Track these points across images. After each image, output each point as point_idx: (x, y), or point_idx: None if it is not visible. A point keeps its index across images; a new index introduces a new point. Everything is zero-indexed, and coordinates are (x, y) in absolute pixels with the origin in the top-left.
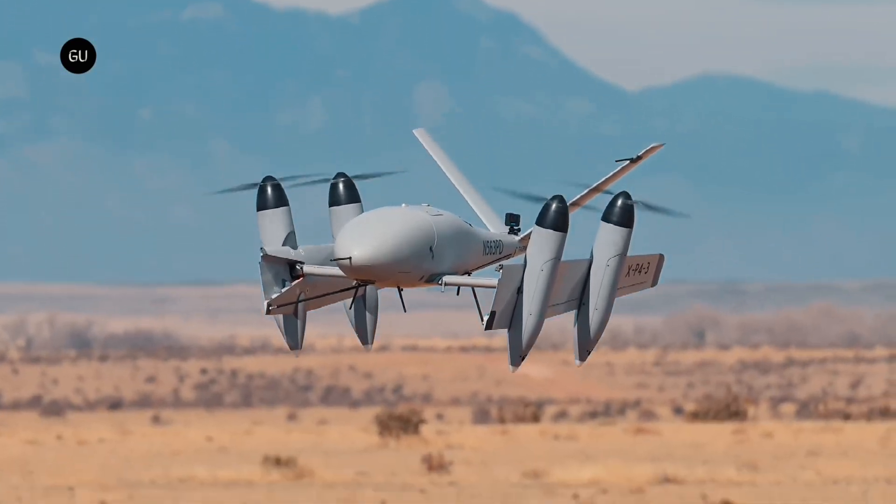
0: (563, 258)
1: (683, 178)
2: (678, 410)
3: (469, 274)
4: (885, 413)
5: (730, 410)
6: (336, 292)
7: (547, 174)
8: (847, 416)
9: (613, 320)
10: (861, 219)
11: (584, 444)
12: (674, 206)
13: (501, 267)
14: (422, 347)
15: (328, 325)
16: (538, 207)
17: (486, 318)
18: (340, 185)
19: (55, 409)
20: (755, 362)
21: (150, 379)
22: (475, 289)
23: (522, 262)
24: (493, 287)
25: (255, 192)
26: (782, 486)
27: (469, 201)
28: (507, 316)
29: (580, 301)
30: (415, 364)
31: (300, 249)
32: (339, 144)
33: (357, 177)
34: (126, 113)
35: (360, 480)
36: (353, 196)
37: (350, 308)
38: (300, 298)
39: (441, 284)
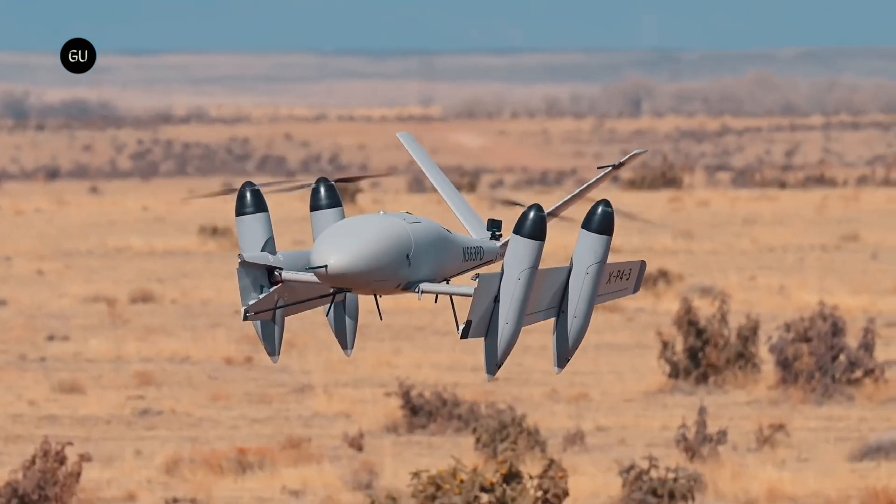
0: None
1: None
2: (614, 179)
3: (448, 281)
4: (820, 181)
5: (666, 178)
6: (314, 298)
7: None
8: (783, 185)
9: (549, 89)
10: None
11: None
12: None
13: (478, 276)
14: (358, 117)
15: (263, 95)
16: (517, 214)
17: (462, 326)
18: (322, 190)
19: None
20: (691, 130)
21: (87, 148)
22: (453, 297)
23: (499, 271)
24: (471, 296)
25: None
26: (718, 254)
27: (451, 206)
28: (483, 325)
29: (559, 308)
30: (351, 133)
31: (279, 255)
32: None
33: (339, 181)
34: None
35: (297, 247)
36: (334, 201)
37: (328, 314)
38: (278, 304)
39: (418, 292)
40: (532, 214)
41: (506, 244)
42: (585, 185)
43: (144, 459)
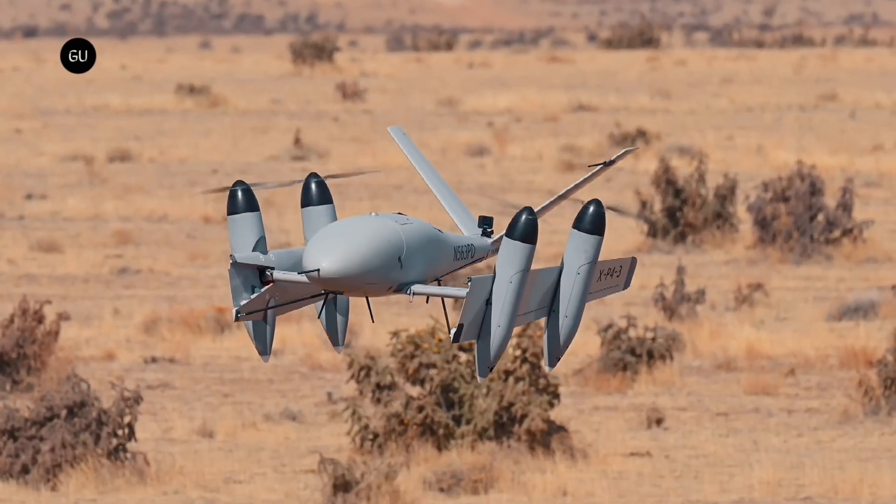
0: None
1: None
2: (592, 38)
3: (439, 282)
4: (798, 40)
5: (643, 38)
6: (306, 298)
7: None
8: (760, 44)
9: None
10: None
11: (498, 72)
12: None
13: (470, 280)
14: None
15: None
16: (510, 213)
17: (454, 330)
18: (312, 186)
19: None
20: None
21: (65, 7)
22: (444, 299)
23: (491, 274)
24: (463, 298)
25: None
26: (696, 114)
27: (442, 202)
28: (475, 328)
29: (550, 308)
30: None
31: (270, 255)
32: None
33: (329, 177)
34: None
35: (274, 108)
36: (325, 197)
37: (319, 316)
38: (269, 305)
39: (410, 294)
40: (524, 218)
41: (497, 240)
42: (574, 185)
43: (122, 318)
